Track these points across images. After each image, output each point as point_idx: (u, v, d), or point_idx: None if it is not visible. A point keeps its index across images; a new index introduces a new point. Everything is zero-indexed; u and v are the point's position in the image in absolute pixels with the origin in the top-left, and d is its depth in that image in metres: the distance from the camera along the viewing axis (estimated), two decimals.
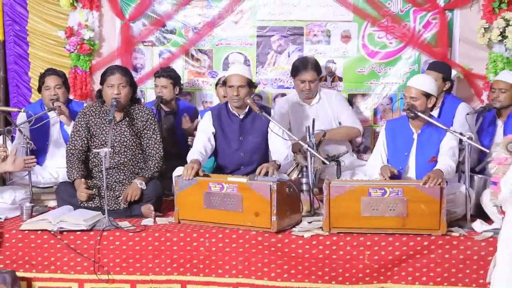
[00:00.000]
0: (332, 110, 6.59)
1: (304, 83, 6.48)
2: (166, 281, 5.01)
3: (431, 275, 4.83)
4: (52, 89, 6.09)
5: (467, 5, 6.92)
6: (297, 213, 5.28)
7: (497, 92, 6.09)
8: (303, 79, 6.47)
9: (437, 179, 4.92)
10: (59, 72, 6.31)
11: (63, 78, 6.27)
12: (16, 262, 5.05)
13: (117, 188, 5.54)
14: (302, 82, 6.49)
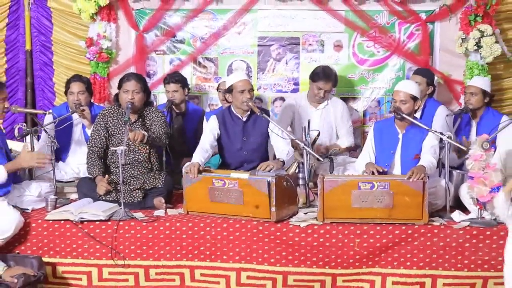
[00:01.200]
0: (335, 118, 6.54)
1: (320, 90, 6.42)
2: (176, 266, 5.01)
3: (414, 260, 4.84)
4: (75, 95, 6.06)
5: (446, 18, 6.92)
6: (294, 204, 5.27)
7: (468, 95, 6.09)
8: (321, 87, 6.41)
9: (420, 174, 4.92)
10: (83, 78, 6.28)
11: (86, 84, 6.23)
12: (42, 248, 5.05)
13: (132, 183, 5.52)
14: (319, 89, 6.42)
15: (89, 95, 6.30)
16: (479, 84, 6.09)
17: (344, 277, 4.90)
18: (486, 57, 6.75)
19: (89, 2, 6.86)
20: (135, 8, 7.10)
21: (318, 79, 6.42)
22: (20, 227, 4.99)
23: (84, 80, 6.27)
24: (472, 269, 4.77)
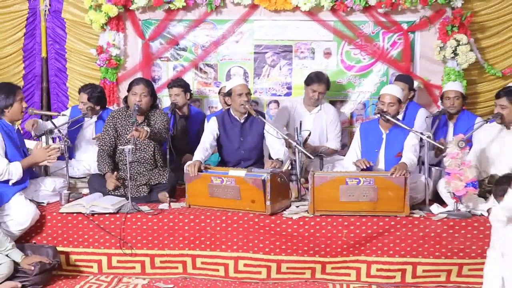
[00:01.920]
0: (326, 123, 6.52)
1: (315, 93, 6.42)
2: (179, 255, 5.01)
3: (396, 249, 4.84)
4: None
5: (426, 28, 6.93)
6: (287, 199, 5.27)
7: (452, 100, 6.07)
8: (315, 90, 6.41)
9: (402, 171, 4.92)
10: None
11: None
12: (56, 239, 5.06)
13: (139, 179, 5.51)
14: (313, 91, 6.43)
15: (97, 103, 6.20)
16: (458, 88, 6.11)
17: (332, 264, 4.90)
18: (462, 64, 6.76)
19: (100, 13, 6.88)
20: (141, 18, 7.09)
21: (312, 82, 6.43)
22: (36, 219, 5.00)
23: (89, 89, 6.18)
24: (448, 256, 4.77)
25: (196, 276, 5.01)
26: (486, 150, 5.35)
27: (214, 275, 4.99)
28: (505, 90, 5.35)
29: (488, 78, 7.03)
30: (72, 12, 7.22)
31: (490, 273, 3.88)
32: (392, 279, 4.85)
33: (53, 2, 7.26)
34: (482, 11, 6.97)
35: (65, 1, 7.22)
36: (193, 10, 7.03)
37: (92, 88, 6.21)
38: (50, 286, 4.78)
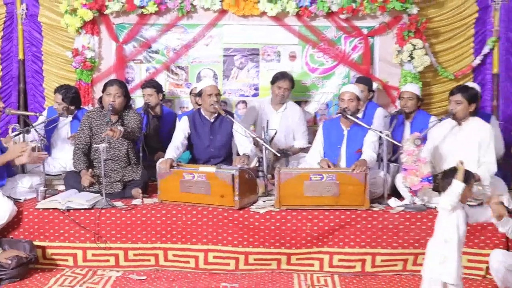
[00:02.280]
0: (293, 121, 6.52)
1: (280, 89, 6.43)
2: (152, 248, 5.00)
3: (357, 241, 4.88)
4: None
5: (384, 33, 6.99)
6: (254, 194, 5.29)
7: (405, 100, 6.14)
8: (280, 86, 6.43)
9: (362, 167, 4.99)
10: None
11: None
12: (33, 234, 5.02)
13: (113, 176, 5.48)
14: (279, 88, 6.44)
15: (71, 103, 6.14)
16: (414, 90, 6.15)
17: (297, 255, 4.93)
18: (418, 67, 6.83)
19: (75, 17, 6.80)
20: (115, 22, 7.03)
21: (277, 80, 6.46)
22: (13, 215, 4.96)
23: (62, 90, 6.13)
24: (405, 247, 4.83)
25: (168, 268, 5.00)
26: (439, 146, 5.40)
27: (185, 267, 4.98)
28: (459, 87, 5.41)
29: (441, 80, 7.11)
30: (48, 16, 7.12)
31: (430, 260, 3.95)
32: (352, 269, 4.89)
33: (29, 6, 7.17)
34: (436, 17, 7.06)
35: (42, 5, 7.13)
36: (165, 15, 7.00)
37: (67, 89, 6.14)
38: (26, 279, 4.73)
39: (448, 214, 3.81)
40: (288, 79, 6.47)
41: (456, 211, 3.79)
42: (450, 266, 3.76)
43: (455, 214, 3.81)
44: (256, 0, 6.83)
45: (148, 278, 4.82)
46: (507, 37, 7.10)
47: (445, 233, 3.81)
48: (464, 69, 7.14)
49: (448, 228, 3.81)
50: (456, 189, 3.75)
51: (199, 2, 6.87)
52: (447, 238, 3.80)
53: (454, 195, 3.75)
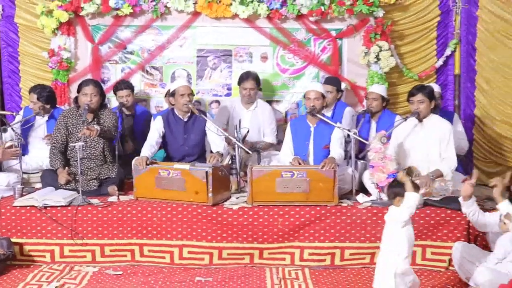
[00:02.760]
0: (263, 119, 6.52)
1: (246, 90, 6.43)
2: (127, 244, 4.97)
3: (326, 235, 4.90)
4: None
5: (352, 35, 7.00)
6: (228, 190, 5.28)
7: (370, 100, 6.19)
8: (246, 87, 6.43)
9: (331, 164, 4.99)
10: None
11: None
12: (10, 231, 4.96)
13: (89, 174, 5.43)
14: (245, 89, 6.44)
15: (46, 103, 6.03)
16: (379, 91, 6.20)
17: (269, 250, 4.93)
18: (384, 68, 6.87)
19: (51, 18, 6.70)
20: (91, 24, 6.93)
21: (242, 81, 6.47)
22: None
23: (37, 90, 6.03)
24: (372, 241, 4.85)
25: (144, 263, 4.96)
26: (402, 144, 5.44)
27: (160, 262, 4.95)
28: (416, 87, 5.44)
29: (406, 81, 7.16)
30: (25, 17, 6.99)
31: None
32: (322, 262, 4.91)
33: (5, 7, 7.03)
34: (401, 20, 7.11)
35: (18, 6, 7.00)
36: (140, 17, 6.93)
37: (41, 88, 6.05)
38: (4, 275, 4.67)
39: (402, 226, 3.83)
40: (252, 78, 6.46)
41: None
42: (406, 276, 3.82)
43: (407, 226, 3.84)
44: (229, 3, 6.80)
45: (124, 273, 4.77)
46: (467, 40, 7.19)
47: (398, 245, 3.84)
48: (428, 70, 7.21)
49: (400, 240, 3.84)
50: (413, 201, 3.78)
51: (173, 4, 6.82)
52: (399, 250, 3.84)
53: (412, 206, 3.77)
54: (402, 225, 3.82)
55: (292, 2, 6.78)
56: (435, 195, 5.08)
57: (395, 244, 3.84)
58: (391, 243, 3.87)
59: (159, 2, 6.80)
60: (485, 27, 7.06)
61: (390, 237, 3.88)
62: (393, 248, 3.84)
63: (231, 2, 6.79)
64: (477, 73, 7.16)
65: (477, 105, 7.20)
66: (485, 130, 7.16)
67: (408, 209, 3.79)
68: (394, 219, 3.86)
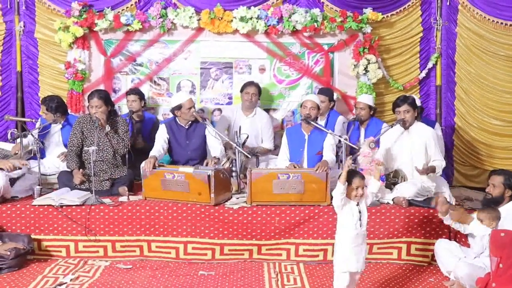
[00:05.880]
0: (261, 126, 6.49)
1: (248, 94, 6.42)
2: (136, 240, 4.95)
3: (320, 233, 4.88)
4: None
5: (343, 49, 6.97)
6: (229, 191, 5.26)
7: (358, 110, 6.18)
8: (248, 91, 6.42)
9: (324, 167, 4.98)
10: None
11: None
12: (30, 228, 4.95)
13: (101, 175, 5.43)
14: (247, 94, 6.43)
15: (56, 113, 5.98)
16: (366, 101, 6.19)
17: (267, 246, 4.91)
18: (372, 79, 6.86)
19: (68, 33, 6.69)
20: (104, 38, 6.90)
21: (245, 87, 6.49)
22: (7, 188, 5.12)
23: (47, 101, 6.02)
24: None
25: (151, 258, 4.95)
26: (390, 149, 5.43)
27: (166, 257, 4.93)
28: (400, 99, 5.43)
29: (392, 91, 7.14)
30: (44, 32, 6.98)
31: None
32: (316, 258, 4.89)
33: (27, 24, 7.02)
34: (387, 36, 7.10)
35: (38, 23, 6.99)
36: (148, 32, 6.91)
37: (49, 99, 6.02)
38: (24, 268, 4.67)
39: (339, 210, 3.83)
40: (254, 85, 6.48)
41: (344, 208, 3.82)
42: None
43: (344, 211, 3.83)
44: (230, 19, 6.79)
45: (134, 267, 4.76)
46: (447, 54, 7.20)
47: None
48: (412, 81, 7.20)
49: (340, 221, 3.87)
50: (337, 190, 3.77)
51: (178, 21, 6.80)
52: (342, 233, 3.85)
53: (336, 194, 3.78)
54: (337, 209, 3.88)
55: (288, 19, 6.77)
56: (418, 195, 5.06)
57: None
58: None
59: (166, 19, 6.79)
60: (463, 42, 7.09)
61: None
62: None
63: (232, 18, 6.78)
64: (456, 84, 7.18)
65: (457, 114, 7.22)
66: (464, 137, 7.17)
67: (334, 197, 3.85)
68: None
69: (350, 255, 3.79)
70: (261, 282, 4.43)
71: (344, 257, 3.81)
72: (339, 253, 3.85)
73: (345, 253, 3.81)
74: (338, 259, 3.85)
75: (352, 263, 3.79)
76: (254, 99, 6.45)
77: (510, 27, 6.96)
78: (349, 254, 3.79)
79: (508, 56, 6.99)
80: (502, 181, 4.46)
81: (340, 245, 3.86)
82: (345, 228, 3.83)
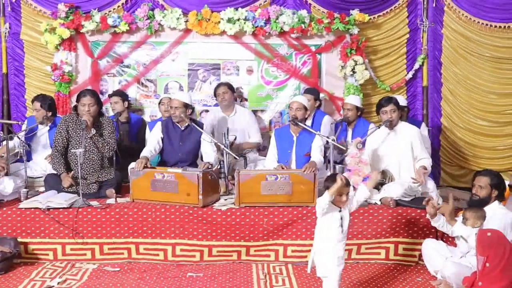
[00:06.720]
0: (246, 122, 6.51)
1: (219, 95, 6.44)
2: (124, 243, 4.92)
3: (308, 233, 4.87)
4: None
5: (330, 50, 7.01)
6: (217, 193, 5.25)
7: (346, 111, 6.20)
8: (218, 93, 6.45)
9: (312, 168, 4.99)
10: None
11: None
12: (16, 231, 4.89)
13: (89, 178, 5.38)
14: (219, 95, 6.45)
15: (48, 110, 5.95)
16: (353, 102, 6.21)
17: (255, 247, 4.90)
18: (359, 80, 6.90)
19: (54, 35, 6.67)
20: (91, 40, 6.89)
21: (215, 89, 6.53)
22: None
23: (39, 98, 5.98)
24: (349, 238, 4.74)
25: (140, 260, 4.91)
26: (377, 150, 5.45)
27: (155, 259, 4.91)
28: (385, 99, 5.45)
29: (379, 92, 7.18)
30: (30, 34, 6.94)
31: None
32: (304, 258, 4.85)
33: (12, 25, 6.98)
34: (374, 37, 7.14)
35: (23, 24, 6.95)
36: (136, 33, 6.89)
37: (43, 96, 6.01)
38: (11, 272, 4.62)
39: (320, 216, 3.83)
40: (223, 85, 6.51)
41: (326, 215, 3.79)
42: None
43: (326, 216, 3.81)
44: (217, 21, 6.79)
45: (122, 269, 4.72)
46: (434, 55, 7.26)
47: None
48: (399, 82, 7.24)
49: (321, 228, 3.84)
50: (323, 199, 3.73)
51: (166, 22, 6.80)
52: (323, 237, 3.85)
53: (320, 203, 3.74)
54: (319, 215, 3.83)
55: (275, 20, 6.79)
56: (405, 195, 5.08)
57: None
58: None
59: (154, 20, 6.78)
60: (449, 43, 7.15)
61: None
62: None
63: (219, 20, 6.79)
64: (443, 85, 7.24)
65: (443, 114, 7.28)
66: (450, 137, 7.23)
67: (317, 205, 3.79)
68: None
69: (331, 259, 3.77)
70: (250, 283, 4.42)
71: (325, 261, 3.78)
72: (320, 257, 3.82)
73: (326, 258, 3.78)
74: (319, 264, 3.83)
75: (333, 267, 3.77)
76: (227, 97, 6.46)
77: (495, 29, 7.04)
78: (330, 258, 3.77)
79: (493, 57, 7.07)
80: (489, 182, 4.49)
81: (319, 249, 3.83)
82: (325, 233, 3.80)
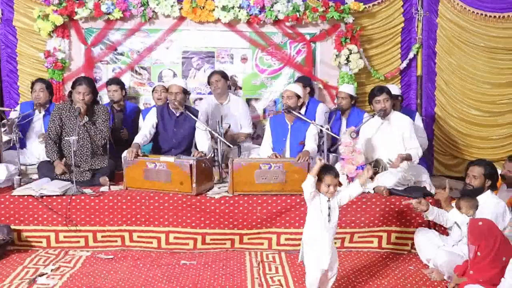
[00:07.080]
0: (238, 111, 6.51)
1: (213, 83, 6.43)
2: (118, 230, 4.92)
3: (301, 222, 4.84)
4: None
5: (324, 39, 7.00)
6: (210, 181, 5.24)
7: (340, 99, 6.20)
8: (212, 81, 6.44)
9: (305, 157, 4.99)
10: (45, 80, 6.17)
11: (46, 84, 6.06)
12: (9, 218, 4.88)
13: (82, 165, 5.36)
14: (212, 83, 6.44)
15: (49, 94, 6.07)
16: (347, 90, 6.20)
17: (248, 236, 4.91)
18: (353, 69, 6.89)
19: (47, 22, 6.62)
20: (84, 27, 6.84)
21: (209, 78, 6.50)
22: None
23: (44, 80, 6.11)
24: (343, 227, 4.84)
25: (133, 248, 4.92)
26: (370, 139, 5.47)
27: (148, 246, 4.91)
28: (377, 89, 5.44)
29: (374, 81, 7.18)
30: (22, 20, 6.88)
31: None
32: (297, 246, 4.78)
33: (5, 11, 6.92)
34: (369, 26, 7.14)
35: (16, 11, 6.89)
36: (130, 21, 6.85)
37: (43, 79, 6.10)
38: (4, 259, 4.61)
39: (308, 203, 3.82)
40: (216, 73, 6.50)
41: (314, 200, 3.78)
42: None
43: (314, 204, 3.80)
44: (212, 8, 6.76)
45: (115, 257, 4.72)
46: (428, 44, 7.26)
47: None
48: (393, 71, 7.25)
49: (311, 216, 3.83)
50: (307, 182, 3.72)
51: (160, 10, 6.76)
52: (311, 224, 3.83)
53: (305, 187, 3.73)
54: (308, 201, 3.82)
55: (270, 8, 6.76)
56: (398, 185, 5.10)
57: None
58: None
59: (148, 7, 6.74)
60: (444, 33, 7.15)
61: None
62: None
63: (214, 7, 6.76)
64: (437, 74, 7.25)
65: (437, 104, 7.30)
66: (444, 127, 7.25)
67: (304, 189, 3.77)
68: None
69: (321, 252, 3.72)
70: (243, 271, 4.43)
71: (314, 254, 3.75)
72: (308, 249, 3.79)
73: (314, 250, 3.75)
74: (308, 256, 3.80)
75: (323, 260, 3.72)
76: (220, 85, 6.44)
77: (489, 18, 7.04)
78: (319, 251, 3.73)
79: (488, 47, 7.08)
80: (483, 172, 4.51)
81: (307, 239, 3.80)
82: (313, 222, 3.79)
